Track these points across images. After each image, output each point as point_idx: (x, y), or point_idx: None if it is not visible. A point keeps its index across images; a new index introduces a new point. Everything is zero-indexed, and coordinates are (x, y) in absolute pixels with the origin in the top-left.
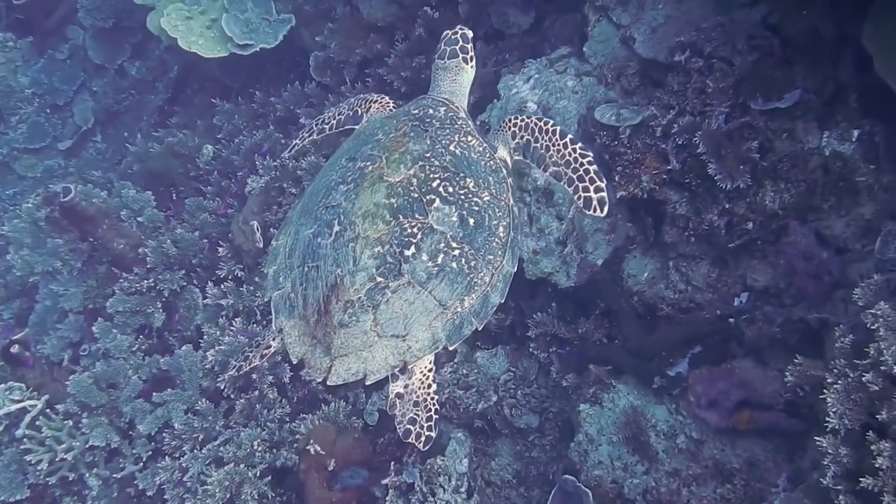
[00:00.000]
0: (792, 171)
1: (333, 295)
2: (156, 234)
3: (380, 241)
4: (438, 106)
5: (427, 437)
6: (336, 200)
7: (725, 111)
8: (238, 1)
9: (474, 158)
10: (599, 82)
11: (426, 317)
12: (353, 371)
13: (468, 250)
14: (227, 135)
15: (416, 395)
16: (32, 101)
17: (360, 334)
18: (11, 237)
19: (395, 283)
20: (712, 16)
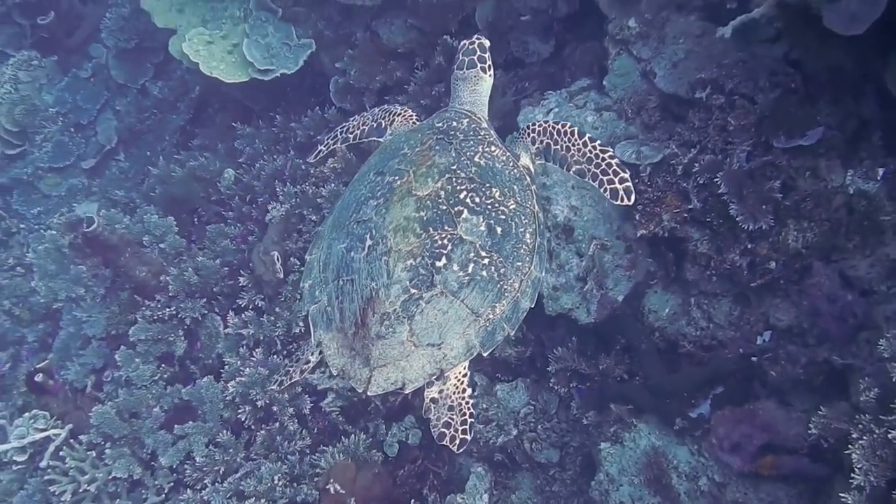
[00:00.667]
0: (815, 211)
1: (369, 308)
2: (178, 260)
3: (412, 253)
4: (461, 118)
5: (461, 440)
6: (367, 215)
7: (747, 149)
8: (259, 26)
9: (499, 168)
10: (619, 117)
11: (460, 325)
12: (392, 380)
13: (497, 258)
14: (248, 159)
15: (450, 400)
16: (56, 119)
17: (397, 345)
18: (36, 264)
19: (429, 293)
20: (733, 51)
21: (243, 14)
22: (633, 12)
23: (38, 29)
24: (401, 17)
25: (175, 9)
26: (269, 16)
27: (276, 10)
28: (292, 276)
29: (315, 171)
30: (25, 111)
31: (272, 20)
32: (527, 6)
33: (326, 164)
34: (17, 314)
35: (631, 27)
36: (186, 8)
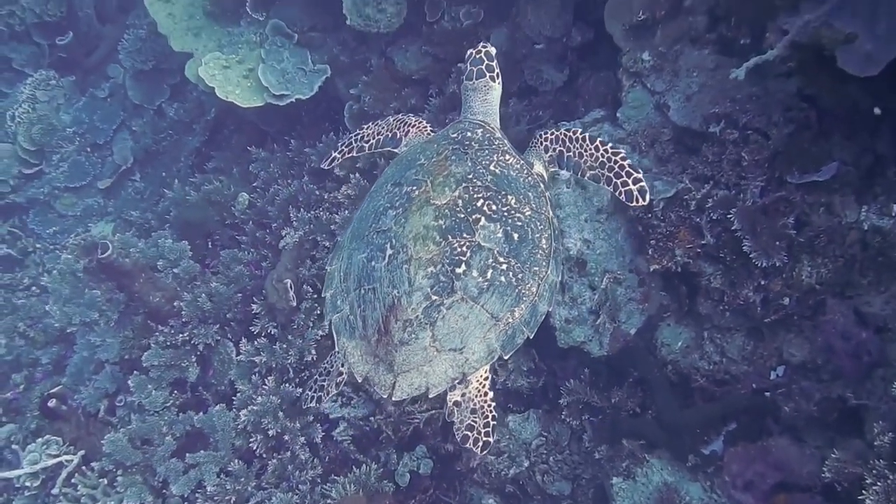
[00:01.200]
0: (829, 247)
1: (392, 315)
2: (191, 286)
3: (432, 261)
4: (475, 128)
5: (485, 442)
6: (386, 225)
7: (761, 184)
8: (274, 51)
9: (513, 176)
10: (633, 150)
11: (480, 329)
12: (416, 385)
13: (515, 264)
14: (262, 183)
15: (473, 403)
16: (73, 139)
17: (420, 350)
18: (50, 288)
19: (450, 299)
20: (747, 86)
21: (259, 39)
22: (647, 45)
23: (56, 49)
24: (416, 44)
25: (192, 33)
26: (284, 41)
27: (291, 35)
28: (305, 304)
29: (329, 197)
30: (43, 130)
31: (288, 45)
32: (541, 35)
33: (340, 190)
34: (32, 336)
35: (645, 60)
36: (203, 32)
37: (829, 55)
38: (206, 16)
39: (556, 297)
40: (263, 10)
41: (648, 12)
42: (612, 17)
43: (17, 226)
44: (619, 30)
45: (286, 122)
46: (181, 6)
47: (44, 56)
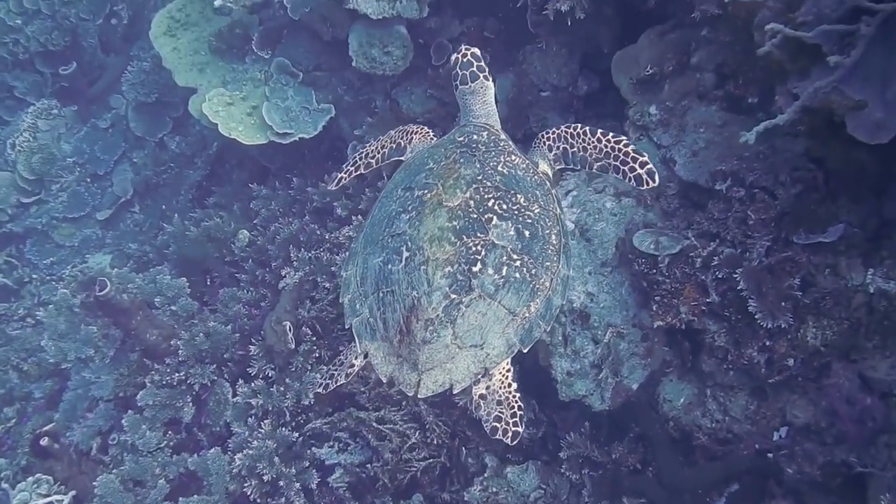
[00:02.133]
0: (835, 309)
1: (413, 315)
2: (189, 324)
3: (448, 261)
4: (480, 131)
5: (514, 432)
6: (400, 228)
7: (767, 244)
8: (279, 89)
9: (520, 175)
10: (638, 203)
11: (499, 325)
12: (440, 382)
13: (528, 260)
14: (263, 221)
15: (498, 395)
16: (73, 169)
17: (442, 348)
18: (46, 323)
19: (468, 297)
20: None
21: (264, 77)
22: (654, 99)
23: (59, 78)
24: (421, 87)
25: (196, 68)
26: (289, 79)
27: (296, 74)
28: (304, 346)
29: (330, 237)
30: (43, 160)
31: (292, 84)
32: (547, 82)
33: (342, 231)
34: (25, 369)
35: (652, 114)
36: (208, 68)
37: (839, 121)
38: (211, 52)
39: (567, 292)
40: (269, 48)
41: (656, 67)
42: (619, 69)
43: (14, 255)
44: (627, 83)
45: (289, 159)
46: (186, 41)
47: (46, 85)
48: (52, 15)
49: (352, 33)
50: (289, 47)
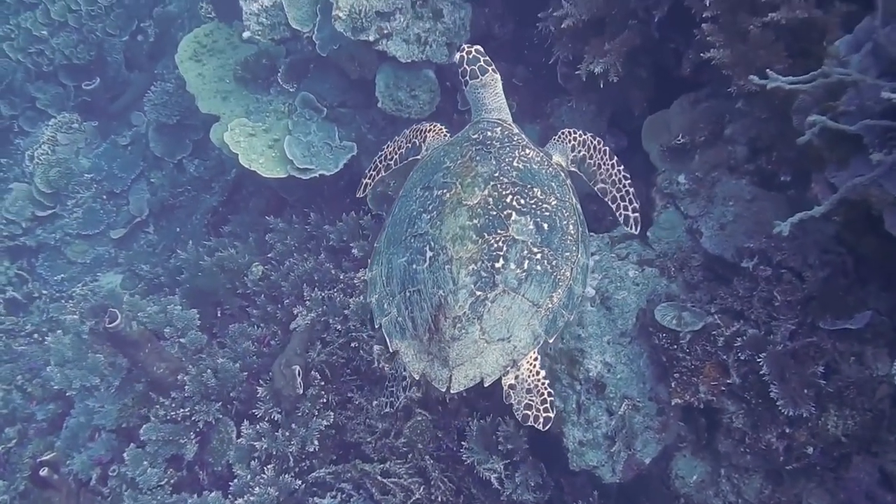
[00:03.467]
0: (858, 399)
1: (440, 314)
2: (197, 358)
3: (472, 259)
4: (494, 127)
5: (545, 417)
6: (423, 229)
7: (792, 327)
8: (302, 123)
9: (536, 169)
10: (662, 273)
11: (524, 317)
12: (471, 377)
13: (548, 252)
14: (277, 255)
15: (527, 384)
16: (90, 185)
17: (471, 344)
18: (53, 350)
19: (493, 293)
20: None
21: (287, 109)
22: (683, 168)
23: (81, 92)
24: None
25: (220, 96)
26: (313, 114)
27: (321, 109)
28: (311, 391)
29: (344, 278)
30: (60, 174)
31: (316, 119)
32: None
33: (357, 274)
34: (29, 391)
35: (680, 182)
36: (231, 97)
37: (877, 215)
38: (235, 80)
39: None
40: (294, 81)
41: (688, 136)
42: (649, 135)
43: (25, 269)
44: (656, 149)
45: (307, 192)
46: (212, 68)
47: (68, 98)
48: (79, 28)
49: (379, 74)
50: (314, 82)
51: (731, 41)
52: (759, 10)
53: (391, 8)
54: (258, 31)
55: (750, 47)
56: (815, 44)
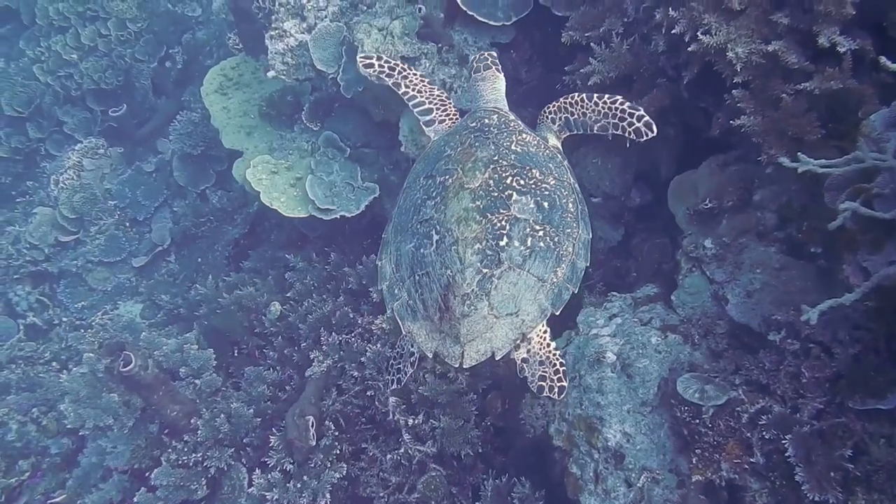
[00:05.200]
0: (887, 483)
1: (450, 293)
2: (211, 401)
3: (477, 238)
4: (491, 115)
5: (560, 387)
6: (428, 214)
7: (819, 406)
8: (325, 162)
9: (533, 151)
10: (685, 340)
11: (530, 292)
12: (482, 351)
13: (550, 229)
14: (296, 294)
15: (539, 356)
16: (113, 212)
17: (480, 320)
18: (68, 388)
19: (499, 270)
20: (813, 291)
21: (311, 148)
22: (710, 233)
23: (108, 117)
24: None
25: (244, 131)
26: (336, 153)
27: (344, 149)
28: (325, 441)
29: (363, 322)
30: (84, 199)
31: (339, 158)
32: (599, 188)
33: (376, 321)
34: (44, 424)
35: (707, 247)
36: (255, 133)
37: None
38: (260, 116)
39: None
40: (318, 120)
41: (716, 201)
42: (676, 196)
43: (47, 294)
44: (683, 211)
45: (328, 229)
46: (237, 102)
47: (95, 123)
48: (108, 53)
49: (403, 118)
50: (338, 122)
51: (762, 108)
52: (791, 77)
53: (416, 53)
54: (283, 71)
55: (781, 116)
56: (850, 114)
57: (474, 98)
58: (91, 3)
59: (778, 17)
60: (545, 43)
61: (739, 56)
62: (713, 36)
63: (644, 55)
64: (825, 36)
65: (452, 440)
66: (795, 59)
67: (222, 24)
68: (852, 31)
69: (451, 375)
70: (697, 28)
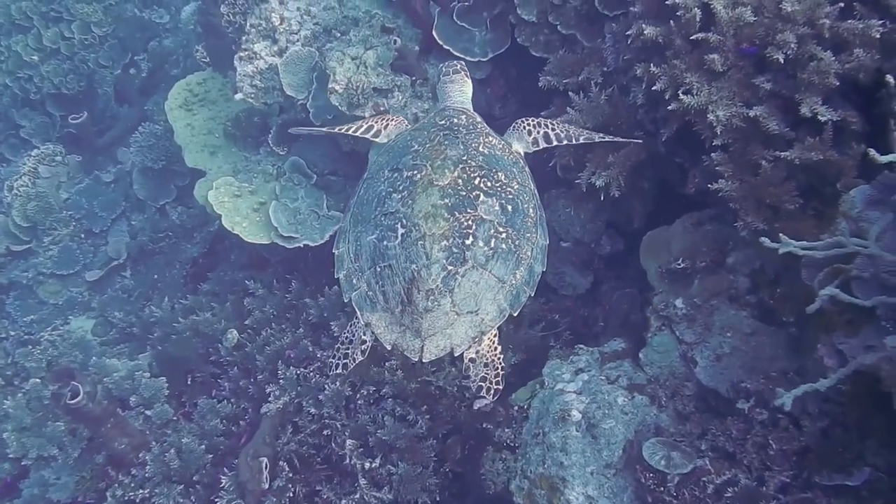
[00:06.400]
0: None
1: (413, 287)
2: (161, 432)
3: (444, 235)
4: (459, 114)
5: (496, 390)
6: (393, 207)
7: (786, 480)
8: (290, 188)
9: (499, 155)
10: (652, 402)
11: (491, 292)
12: (442, 347)
13: (512, 232)
14: (255, 322)
15: (486, 358)
16: (69, 223)
17: (442, 315)
18: (11, 414)
19: (463, 268)
20: (783, 358)
21: (276, 172)
22: (681, 292)
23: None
24: None
25: (208, 150)
26: (302, 179)
27: (310, 175)
28: (278, 482)
29: (322, 356)
30: (39, 208)
31: (305, 184)
32: (569, 233)
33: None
34: None
35: (678, 307)
36: (220, 153)
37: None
38: (225, 136)
39: (546, 259)
40: (285, 144)
41: (689, 261)
42: (648, 252)
43: None
44: (655, 268)
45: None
46: (202, 119)
47: (54, 128)
48: (71, 57)
49: (372, 149)
50: (306, 147)
51: (741, 173)
52: (771, 142)
53: (389, 85)
54: (251, 94)
55: (760, 183)
56: (828, 185)
57: (442, 98)
58: (55, 4)
59: (760, 82)
60: (520, 80)
61: (720, 119)
62: (694, 96)
63: (622, 107)
64: (807, 105)
65: (410, 487)
66: (776, 125)
67: (190, 34)
68: (835, 101)
69: (410, 418)
70: (679, 86)
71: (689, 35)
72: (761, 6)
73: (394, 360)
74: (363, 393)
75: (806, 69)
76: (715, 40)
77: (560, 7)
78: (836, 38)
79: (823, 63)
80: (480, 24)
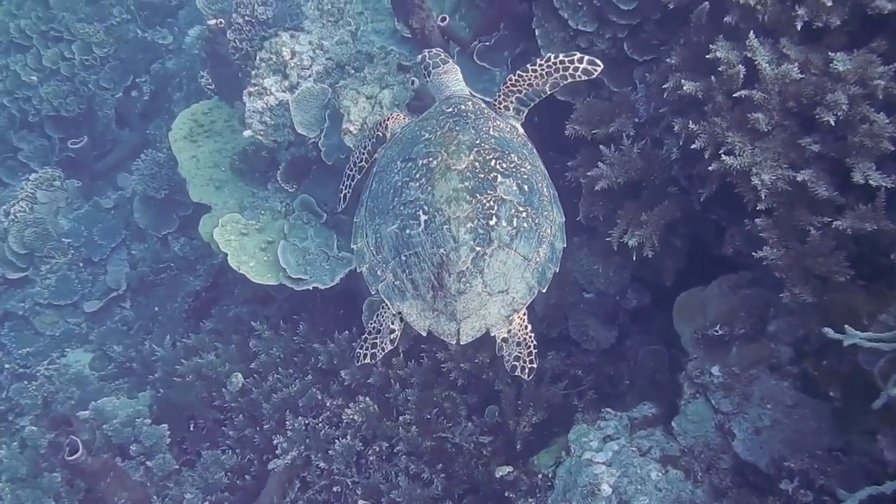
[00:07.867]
0: None
1: (443, 271)
2: (163, 485)
3: (468, 217)
4: (465, 101)
5: (530, 368)
6: (412, 196)
7: None
8: (299, 227)
9: (508, 137)
10: (687, 476)
11: (518, 271)
12: (477, 328)
13: (531, 211)
14: (261, 365)
15: (517, 337)
16: (67, 251)
17: (475, 297)
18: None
19: (490, 248)
20: (827, 435)
21: (284, 210)
22: (718, 360)
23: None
24: None
25: (213, 185)
26: (311, 218)
27: (320, 214)
28: None
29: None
30: (36, 235)
31: (314, 223)
32: (592, 284)
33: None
34: None
35: (714, 374)
36: (226, 187)
37: None
38: (231, 170)
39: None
40: (295, 181)
41: (727, 327)
42: (682, 315)
43: None
44: (689, 333)
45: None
46: (207, 152)
47: (53, 151)
48: (71, 78)
49: None
50: (315, 185)
51: (786, 239)
52: (818, 208)
53: None
54: (260, 131)
55: (807, 252)
56: (881, 256)
57: (440, 90)
58: (56, 23)
59: (807, 143)
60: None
61: (765, 183)
62: (737, 157)
63: (655, 161)
64: (860, 171)
65: None
66: (825, 190)
67: (194, 57)
68: (887, 164)
69: (425, 477)
70: (719, 145)
71: (732, 92)
72: (808, 62)
73: (407, 414)
74: (375, 448)
75: (857, 131)
76: (759, 98)
77: (587, 50)
78: (890, 99)
79: (877, 126)
80: (501, 64)
